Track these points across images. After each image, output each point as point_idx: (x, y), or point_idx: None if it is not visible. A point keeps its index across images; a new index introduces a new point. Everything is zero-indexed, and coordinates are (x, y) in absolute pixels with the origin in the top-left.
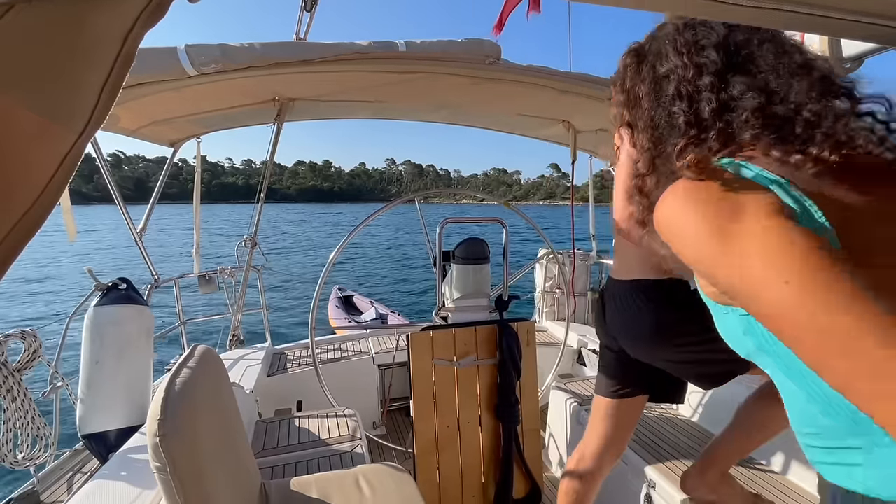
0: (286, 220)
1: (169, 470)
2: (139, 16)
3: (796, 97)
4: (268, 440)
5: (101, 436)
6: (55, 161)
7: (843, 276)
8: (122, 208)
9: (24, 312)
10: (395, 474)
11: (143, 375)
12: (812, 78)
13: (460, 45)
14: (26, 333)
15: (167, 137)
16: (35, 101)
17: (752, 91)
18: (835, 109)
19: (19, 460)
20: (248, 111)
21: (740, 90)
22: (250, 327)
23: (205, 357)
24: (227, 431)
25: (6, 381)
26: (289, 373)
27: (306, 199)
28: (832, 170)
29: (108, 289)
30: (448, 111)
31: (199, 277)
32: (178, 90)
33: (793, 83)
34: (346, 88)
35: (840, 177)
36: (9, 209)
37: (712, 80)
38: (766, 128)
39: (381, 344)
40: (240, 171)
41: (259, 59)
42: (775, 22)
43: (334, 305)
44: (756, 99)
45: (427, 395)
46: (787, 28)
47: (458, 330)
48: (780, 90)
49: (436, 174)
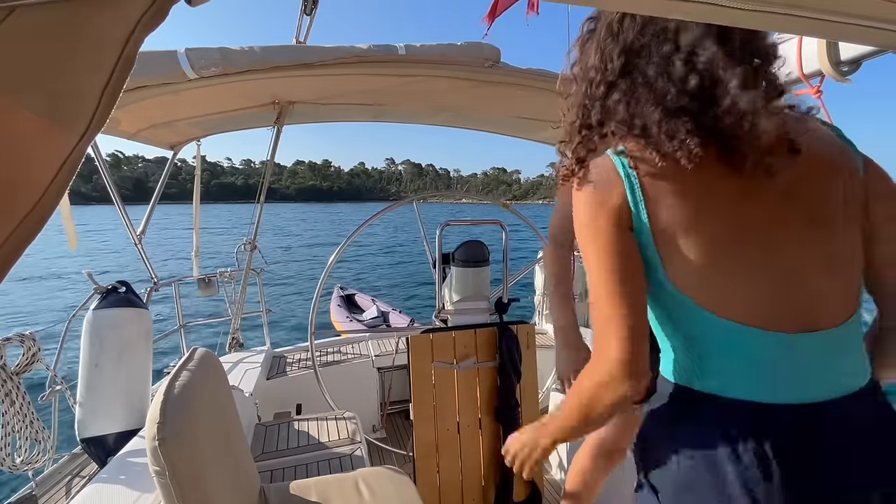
0: (285, 220)
1: (168, 474)
2: (140, 19)
3: (656, 105)
4: (267, 443)
5: (100, 439)
6: (56, 164)
7: (613, 283)
8: (121, 210)
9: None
10: (394, 478)
11: (142, 379)
12: (680, 87)
13: (459, 49)
14: (25, 337)
15: (167, 140)
16: (36, 104)
17: (627, 100)
18: (686, 120)
19: (18, 464)
20: (248, 114)
21: (615, 99)
22: (250, 330)
23: (204, 360)
24: (226, 435)
25: (5, 385)
26: (288, 376)
27: (306, 198)
28: (678, 168)
29: (107, 292)
30: (447, 114)
31: (199, 280)
32: (179, 93)
33: (662, 90)
34: (346, 92)
35: (681, 176)
36: (10, 212)
37: (604, 90)
38: (630, 131)
39: (381, 347)
40: (239, 171)
41: (259, 63)
42: (772, 25)
43: (336, 304)
44: (627, 110)
45: (427, 398)
46: (784, 31)
47: (457, 333)
48: (650, 100)
49: (435, 174)
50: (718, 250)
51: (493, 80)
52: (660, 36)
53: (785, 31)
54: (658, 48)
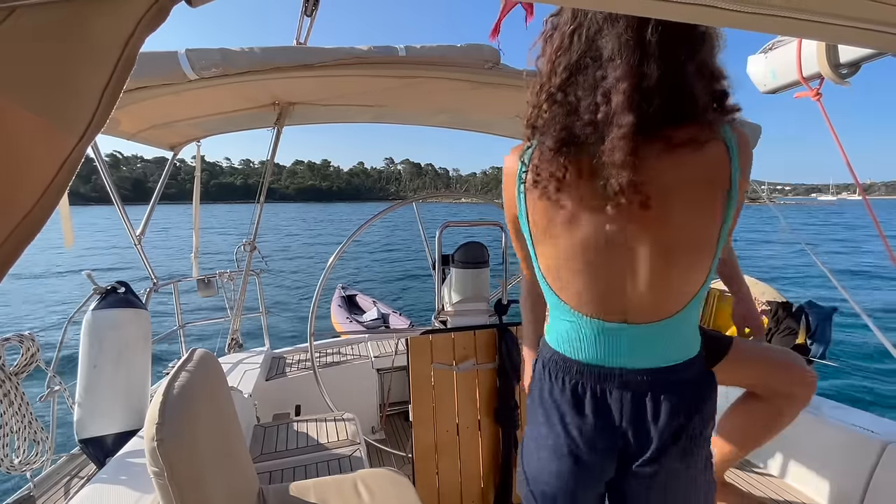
0: (285, 221)
1: (166, 474)
2: (141, 20)
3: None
4: (266, 444)
5: (99, 440)
6: (55, 164)
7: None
8: (121, 211)
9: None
10: (393, 479)
11: (141, 379)
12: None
13: (459, 50)
14: (24, 337)
15: (167, 141)
16: (36, 104)
17: (554, 115)
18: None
19: (16, 465)
20: (248, 115)
21: (551, 111)
22: (249, 331)
23: (203, 361)
24: (225, 436)
25: (3, 385)
26: (287, 377)
27: (305, 198)
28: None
29: (106, 292)
30: (447, 115)
31: (199, 281)
32: (179, 94)
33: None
34: (346, 93)
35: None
36: (9, 212)
37: (545, 98)
38: (542, 143)
39: (380, 348)
40: (238, 171)
41: (259, 64)
42: (772, 27)
43: (337, 305)
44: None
45: (426, 399)
46: (783, 33)
47: (457, 334)
48: (562, 121)
49: (434, 173)
50: (562, 255)
51: (492, 82)
52: (596, 61)
53: (784, 33)
54: (592, 73)
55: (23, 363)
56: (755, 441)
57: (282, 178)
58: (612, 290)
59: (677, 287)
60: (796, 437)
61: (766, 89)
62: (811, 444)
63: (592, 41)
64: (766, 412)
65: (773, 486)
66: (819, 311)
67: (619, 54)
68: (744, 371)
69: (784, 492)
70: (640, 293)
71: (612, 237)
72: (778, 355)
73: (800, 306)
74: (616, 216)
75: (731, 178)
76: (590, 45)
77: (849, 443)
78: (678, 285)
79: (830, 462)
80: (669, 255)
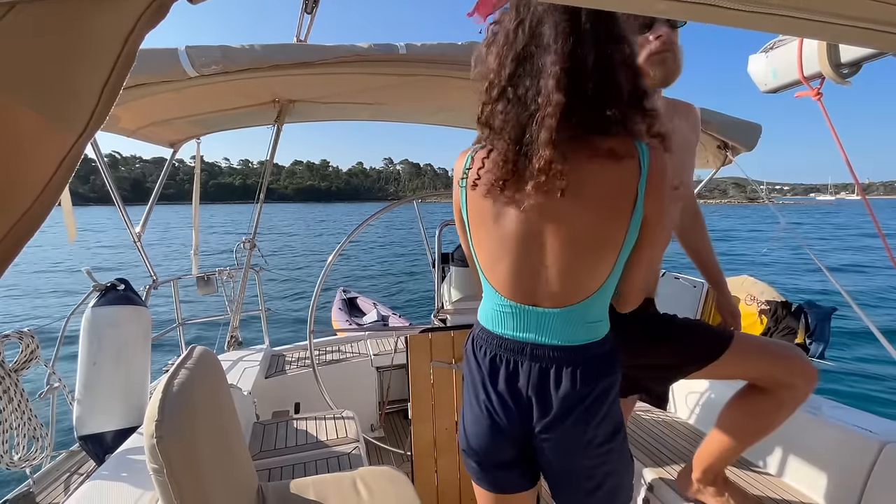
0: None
1: (166, 471)
2: (140, 16)
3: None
4: (265, 442)
5: (98, 437)
6: (55, 161)
7: (462, 233)
8: (121, 209)
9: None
10: (393, 477)
11: (140, 376)
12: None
13: (460, 48)
14: (24, 334)
15: (167, 138)
16: (35, 100)
17: (504, 111)
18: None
19: (15, 461)
20: (247, 112)
21: (499, 108)
22: (249, 329)
23: (203, 358)
24: (224, 433)
25: (3, 382)
26: (287, 374)
27: (304, 198)
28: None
29: (106, 289)
30: (447, 114)
31: (198, 279)
32: (179, 91)
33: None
34: (346, 90)
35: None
36: (8, 209)
37: (496, 94)
38: (488, 141)
39: (380, 346)
40: (237, 171)
41: (259, 61)
42: (772, 27)
43: (338, 307)
44: (502, 120)
45: (425, 397)
46: (784, 33)
47: (456, 332)
48: (511, 119)
49: (433, 173)
50: (491, 246)
51: None
52: (540, 48)
53: (785, 32)
54: (537, 60)
55: (22, 360)
56: (754, 435)
57: (281, 178)
58: (528, 278)
59: (583, 280)
60: (794, 435)
61: (766, 88)
62: (809, 443)
63: (535, 31)
64: (767, 404)
65: (770, 484)
66: (818, 311)
67: (556, 40)
68: (747, 363)
69: (781, 490)
70: (551, 282)
71: (531, 230)
72: (780, 347)
73: (799, 306)
74: (536, 212)
75: (637, 192)
76: (532, 34)
77: (847, 442)
78: (584, 279)
79: (828, 461)
80: (577, 250)
